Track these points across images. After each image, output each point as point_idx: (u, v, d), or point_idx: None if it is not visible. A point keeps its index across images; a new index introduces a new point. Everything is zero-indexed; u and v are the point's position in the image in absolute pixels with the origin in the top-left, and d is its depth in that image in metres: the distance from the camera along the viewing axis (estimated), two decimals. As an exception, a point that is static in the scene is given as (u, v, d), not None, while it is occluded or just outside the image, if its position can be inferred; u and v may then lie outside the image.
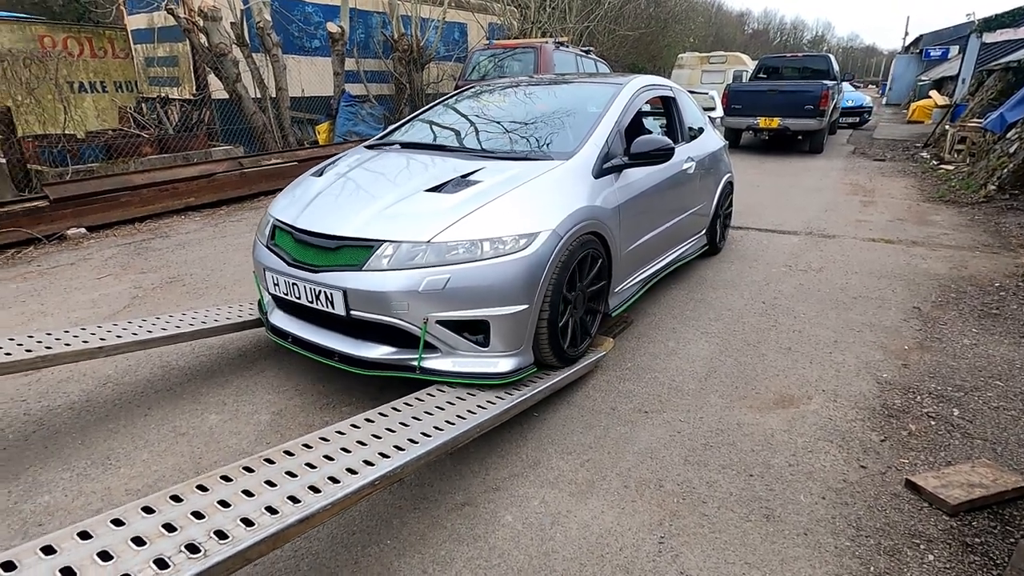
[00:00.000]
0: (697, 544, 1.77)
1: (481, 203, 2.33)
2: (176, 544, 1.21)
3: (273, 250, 2.53)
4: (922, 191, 7.31)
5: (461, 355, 2.26)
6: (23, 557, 1.16)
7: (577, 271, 2.52)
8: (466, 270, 2.15)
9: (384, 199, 2.44)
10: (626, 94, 3.25)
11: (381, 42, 10.79)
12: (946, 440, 2.29)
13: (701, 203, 4.01)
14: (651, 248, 3.33)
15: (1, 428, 2.36)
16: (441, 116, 3.61)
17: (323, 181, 2.82)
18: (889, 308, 3.59)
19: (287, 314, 2.61)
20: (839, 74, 12.04)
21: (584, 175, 2.68)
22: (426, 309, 2.15)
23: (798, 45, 67.53)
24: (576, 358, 2.63)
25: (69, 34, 9.01)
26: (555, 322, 2.39)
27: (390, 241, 2.21)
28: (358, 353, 2.29)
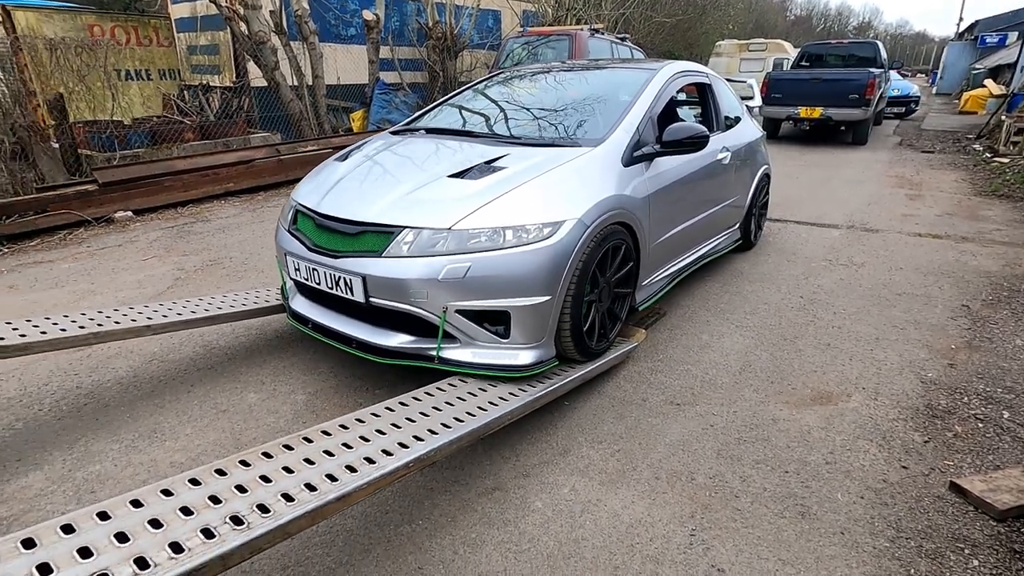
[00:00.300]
0: (729, 538, 1.75)
1: (505, 190, 2.28)
2: (221, 516, 1.26)
3: (295, 235, 2.51)
4: (974, 185, 6.98)
5: (480, 346, 2.21)
6: (80, 522, 1.22)
7: (603, 262, 2.45)
8: (487, 259, 2.10)
9: (406, 184, 2.41)
10: (659, 80, 3.15)
11: (415, 30, 10.82)
12: (995, 443, 2.20)
13: (736, 195, 3.87)
14: (682, 241, 3.23)
15: (56, 400, 2.48)
16: (468, 102, 3.55)
17: (346, 166, 2.79)
18: (935, 306, 3.46)
19: (308, 300, 2.60)
20: (887, 62, 11.53)
21: (613, 163, 2.60)
22: (446, 298, 2.11)
23: (843, 32, 64.97)
24: (600, 353, 2.56)
25: (117, 23, 9.30)
26: (578, 315, 2.34)
27: (411, 227, 2.17)
28: (376, 341, 2.27)
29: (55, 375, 2.68)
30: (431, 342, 2.23)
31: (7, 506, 1.87)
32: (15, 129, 5.37)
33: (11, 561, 1.11)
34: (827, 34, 57.95)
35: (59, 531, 1.18)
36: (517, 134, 2.94)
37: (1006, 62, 17.76)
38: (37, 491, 1.94)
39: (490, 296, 2.11)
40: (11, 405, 2.45)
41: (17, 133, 5.36)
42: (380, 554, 1.68)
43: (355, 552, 1.69)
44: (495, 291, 2.10)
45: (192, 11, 8.87)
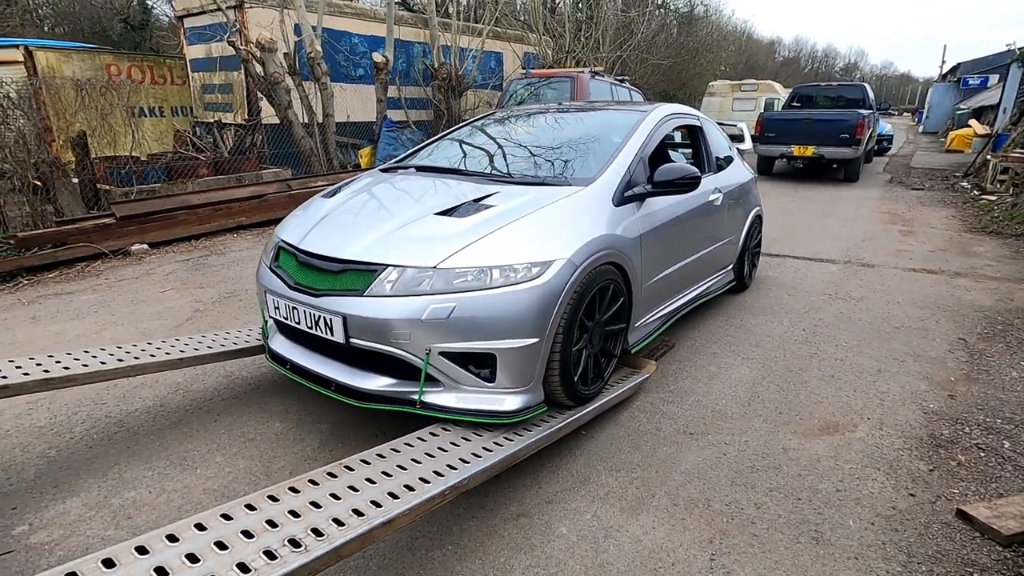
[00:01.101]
0: (748, 563, 1.82)
1: (493, 228, 2.22)
2: (280, 538, 1.34)
3: (276, 272, 2.44)
4: (964, 221, 7.21)
5: (465, 390, 2.11)
6: (152, 543, 1.30)
7: (594, 303, 2.39)
8: (473, 299, 2.02)
9: (392, 222, 2.35)
10: (650, 121, 3.16)
11: (421, 70, 11.22)
12: (997, 472, 2.29)
13: (728, 236, 3.90)
14: (674, 282, 3.20)
15: (86, 429, 2.55)
16: (461, 140, 3.53)
17: (333, 202, 2.75)
18: (933, 339, 3.58)
19: (288, 340, 2.51)
20: (874, 103, 11.99)
21: (604, 202, 2.57)
22: (429, 339, 2.02)
23: (830, 73, 67.12)
24: (590, 397, 2.48)
25: (133, 63, 9.63)
26: (568, 358, 2.25)
27: (394, 266, 2.10)
28: (356, 384, 2.17)
29: (83, 404, 2.75)
30: (413, 385, 2.12)
31: (47, 532, 1.92)
32: (38, 165, 5.54)
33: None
34: (815, 75, 59.88)
35: (134, 552, 1.26)
36: (507, 172, 2.93)
37: (989, 103, 18.42)
38: (75, 517, 2.00)
39: (475, 338, 2.03)
40: (43, 433, 2.51)
41: (40, 169, 5.53)
42: (413, 578, 1.75)
43: (389, 575, 1.75)
44: (481, 332, 2.02)
45: (207, 52, 9.22)
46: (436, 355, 2.05)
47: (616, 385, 2.72)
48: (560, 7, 16.44)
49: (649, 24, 16.69)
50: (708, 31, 26.43)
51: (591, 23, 14.59)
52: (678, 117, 3.53)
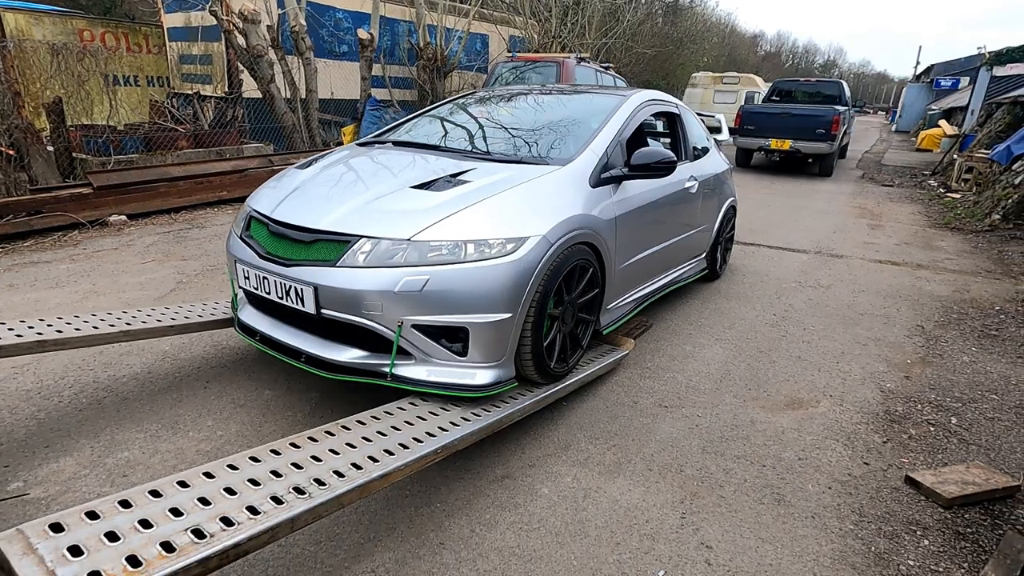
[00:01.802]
0: (716, 520, 1.96)
1: (469, 203, 2.23)
2: (285, 486, 1.43)
3: (247, 242, 2.42)
4: (929, 217, 7.52)
5: (437, 363, 2.13)
6: (164, 488, 1.37)
7: (567, 282, 2.42)
8: (447, 272, 2.03)
9: (367, 194, 2.35)
10: (629, 106, 3.19)
11: (407, 49, 11.10)
12: (944, 444, 2.48)
13: (702, 225, 3.96)
14: (648, 266, 3.24)
15: (74, 393, 2.57)
16: (441, 118, 3.52)
17: (307, 173, 2.72)
18: (894, 325, 3.79)
19: (257, 311, 2.50)
20: (850, 100, 12.30)
21: (580, 182, 2.60)
22: (401, 311, 2.03)
23: (809, 69, 68.11)
24: (561, 375, 2.50)
25: (107, 29, 9.33)
26: (540, 334, 2.28)
27: (368, 237, 2.09)
28: (326, 355, 2.17)
29: (70, 370, 2.76)
30: (385, 358, 2.13)
31: (43, 487, 1.97)
32: (10, 131, 5.39)
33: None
34: (795, 70, 60.71)
35: (147, 495, 1.33)
36: (486, 150, 2.93)
37: (958, 105, 19.00)
38: (70, 475, 2.04)
39: (448, 311, 2.04)
40: (30, 397, 2.53)
41: (12, 135, 5.38)
42: (404, 531, 1.85)
43: (381, 529, 1.85)
44: (454, 306, 2.04)
45: (186, 21, 8.97)
46: (408, 328, 2.05)
47: (595, 360, 2.84)
48: (547, -9, 16.36)
49: (635, 12, 16.74)
50: (692, 22, 26.57)
51: (577, 8, 14.57)
52: (657, 103, 3.55)
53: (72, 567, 1.13)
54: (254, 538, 1.30)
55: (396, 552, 1.76)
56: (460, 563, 1.73)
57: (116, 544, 1.20)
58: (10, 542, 1.16)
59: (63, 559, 1.14)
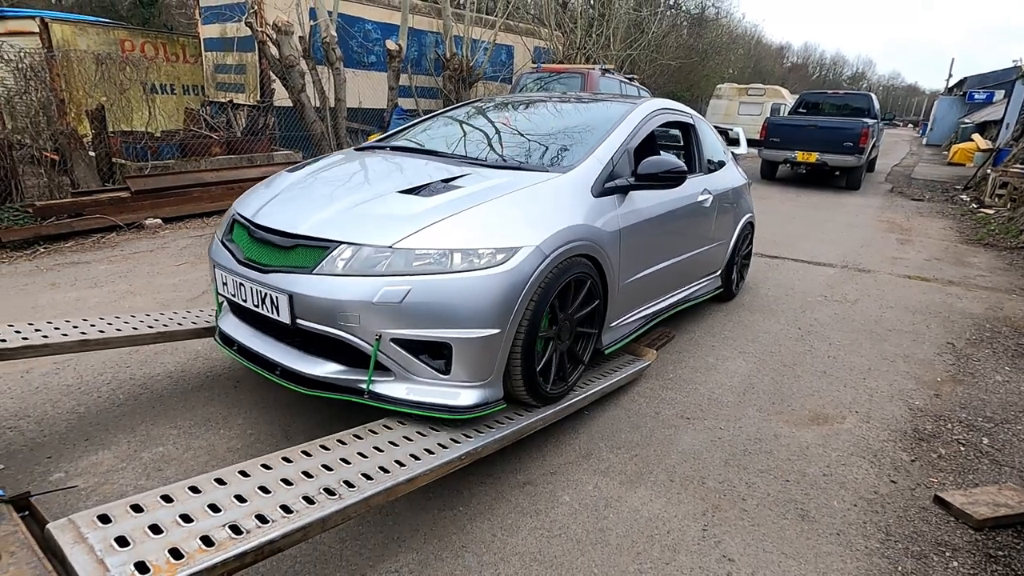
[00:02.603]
0: (738, 534, 1.95)
1: (458, 209, 2.10)
2: (316, 487, 1.49)
3: (227, 246, 2.31)
4: (960, 233, 7.35)
5: (417, 381, 1.98)
6: (202, 485, 1.43)
7: (564, 297, 2.27)
8: (430, 283, 1.90)
9: (352, 198, 2.23)
10: (639, 114, 3.04)
11: (433, 60, 11.28)
12: (974, 465, 2.43)
13: (717, 241, 3.78)
14: (655, 283, 3.06)
15: (112, 389, 2.67)
16: (444, 124, 3.41)
17: (295, 177, 2.63)
18: (923, 342, 3.72)
19: (239, 319, 2.38)
20: (880, 113, 12.11)
21: (582, 191, 2.45)
22: (380, 324, 1.90)
23: (837, 81, 67.17)
24: (557, 397, 2.34)
25: (147, 39, 9.68)
26: (531, 352, 2.11)
27: (349, 243, 1.97)
28: (301, 368, 2.04)
29: (108, 367, 2.87)
30: (364, 373, 2.00)
31: (83, 478, 2.05)
32: (55, 136, 5.63)
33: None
34: (822, 82, 59.92)
35: (187, 491, 1.40)
36: (484, 156, 2.81)
37: (993, 118, 18.56)
38: (108, 467, 2.12)
39: (431, 325, 1.90)
40: (71, 392, 2.63)
41: (57, 140, 5.62)
42: (427, 533, 1.88)
43: (404, 530, 1.88)
44: (437, 320, 1.90)
45: (222, 32, 9.26)
46: (387, 342, 1.92)
47: (617, 371, 2.85)
48: (572, 3, 16.50)
49: (660, 24, 16.75)
50: (718, 33, 26.47)
51: (602, 20, 14.65)
52: (669, 112, 3.38)
53: (120, 557, 1.18)
54: (287, 536, 1.34)
55: (419, 553, 1.79)
56: (482, 567, 1.76)
57: (159, 537, 1.25)
58: (62, 531, 1.22)
59: (111, 549, 1.20)
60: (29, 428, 2.34)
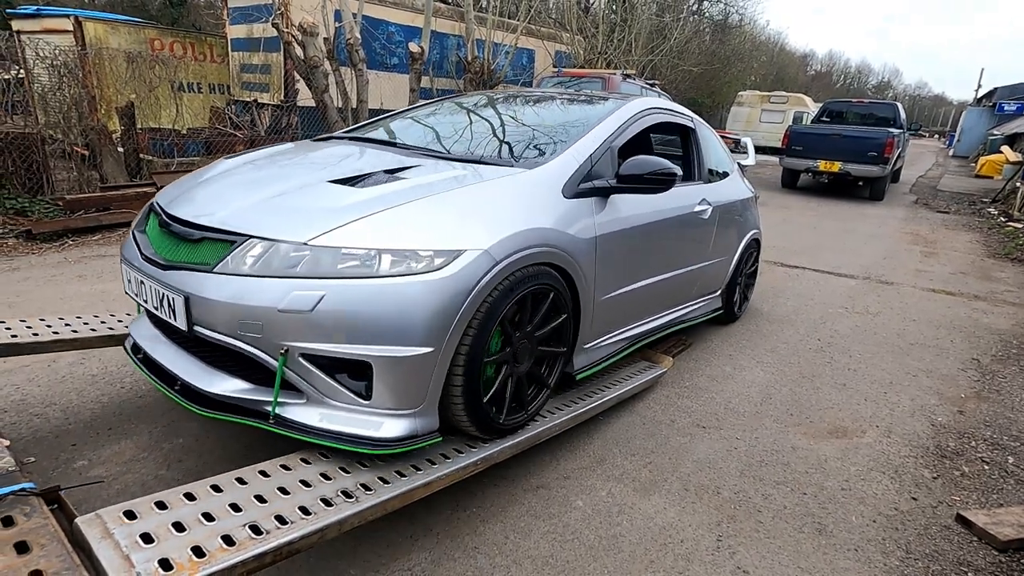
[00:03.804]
0: (753, 546, 1.93)
1: (394, 203, 1.83)
2: (334, 490, 1.53)
3: (136, 239, 2.05)
4: (987, 247, 7.19)
5: (333, 406, 1.70)
6: (223, 484, 1.47)
7: (522, 312, 1.98)
8: (349, 288, 1.62)
9: (276, 187, 1.97)
10: (627, 111, 2.74)
11: (455, 63, 11.36)
12: (999, 484, 2.37)
13: (717, 258, 3.44)
14: (641, 301, 2.75)
15: (135, 380, 2.73)
16: (419, 117, 3.15)
17: (230, 163, 2.38)
18: (947, 357, 3.64)
19: (153, 325, 2.10)
20: (905, 123, 11.90)
21: (550, 191, 2.16)
22: (287, 336, 1.62)
23: (862, 90, 66.20)
24: (512, 428, 2.03)
25: (176, 39, 9.88)
26: (476, 376, 1.82)
27: (260, 238, 1.70)
28: (199, 384, 1.77)
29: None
30: (271, 393, 1.71)
31: (105, 467, 2.09)
32: (86, 132, 5.77)
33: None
34: (846, 91, 59.10)
35: (209, 489, 1.45)
36: (445, 148, 2.58)
37: (1023, 130, 18.13)
38: (130, 457, 2.16)
39: (348, 340, 1.62)
40: (96, 382, 2.69)
41: (87, 135, 5.76)
42: (440, 533, 1.89)
43: (418, 529, 1.89)
44: (355, 333, 1.62)
45: (249, 32, 9.42)
46: (296, 357, 1.65)
47: (633, 377, 2.83)
48: (593, 7, 16.50)
49: (683, 30, 16.67)
50: (741, 40, 26.26)
51: (624, 25, 14.63)
52: (663, 113, 3.04)
53: (145, 553, 1.21)
54: (305, 537, 1.37)
55: (432, 553, 1.80)
56: (494, 568, 1.76)
57: (183, 535, 1.28)
58: (90, 525, 1.25)
59: (136, 545, 1.23)
60: (55, 416, 2.39)
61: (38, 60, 6.13)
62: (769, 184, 11.95)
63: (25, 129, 5.25)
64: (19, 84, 6.98)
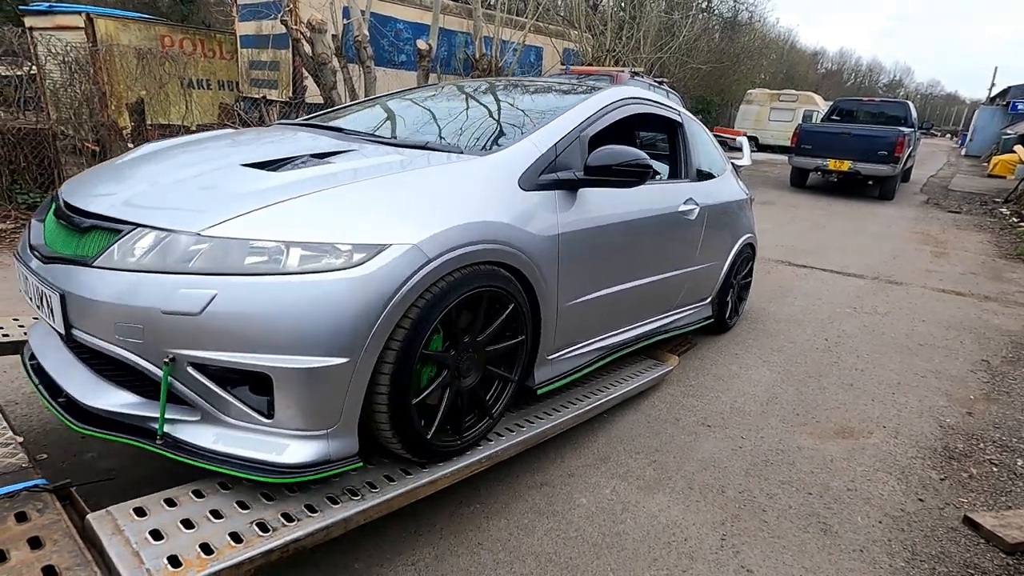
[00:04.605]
0: (757, 545, 1.92)
1: (312, 190, 1.60)
2: (340, 487, 1.55)
3: (31, 229, 1.84)
4: (999, 247, 7.11)
5: (230, 425, 1.47)
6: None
7: (466, 318, 1.76)
8: (248, 287, 1.40)
9: (188, 171, 1.78)
10: (601, 99, 2.48)
11: (462, 60, 11.37)
12: (1008, 486, 2.35)
13: (706, 263, 3.20)
14: (616, 307, 2.53)
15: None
16: (380, 104, 2.94)
17: (152, 146, 2.21)
18: (956, 358, 3.61)
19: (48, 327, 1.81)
20: (917, 122, 11.79)
21: (505, 182, 1.92)
22: (172, 341, 1.40)
23: (873, 88, 65.59)
24: (453, 451, 1.80)
25: (185, 35, 9.94)
26: (407, 392, 1.59)
27: (151, 227, 1.48)
28: (81, 397, 1.54)
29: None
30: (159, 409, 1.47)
31: (115, 459, 2.12)
32: (96, 128, 5.82)
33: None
34: (857, 90, 58.56)
35: (218, 486, 1.46)
36: (391, 134, 2.39)
37: (1037, 130, 17.91)
38: (139, 449, 2.18)
39: (244, 347, 1.40)
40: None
41: (98, 132, 5.81)
42: (444, 529, 1.90)
43: (422, 524, 1.90)
44: (252, 340, 1.39)
45: (258, 29, 9.46)
46: (186, 367, 1.43)
47: (638, 375, 2.83)
48: (602, 5, 16.44)
49: (692, 27, 16.58)
50: (751, 38, 26.08)
51: (633, 23, 14.56)
52: (644, 104, 2.76)
53: (154, 550, 1.23)
54: (311, 535, 1.39)
55: (436, 548, 1.81)
56: (497, 564, 1.76)
57: (191, 532, 1.30)
58: (101, 522, 1.27)
59: (146, 542, 1.25)
60: (65, 408, 2.42)
61: (50, 56, 6.18)
62: (778, 183, 11.88)
63: (37, 125, 5.30)
64: (31, 80, 7.05)
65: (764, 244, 6.17)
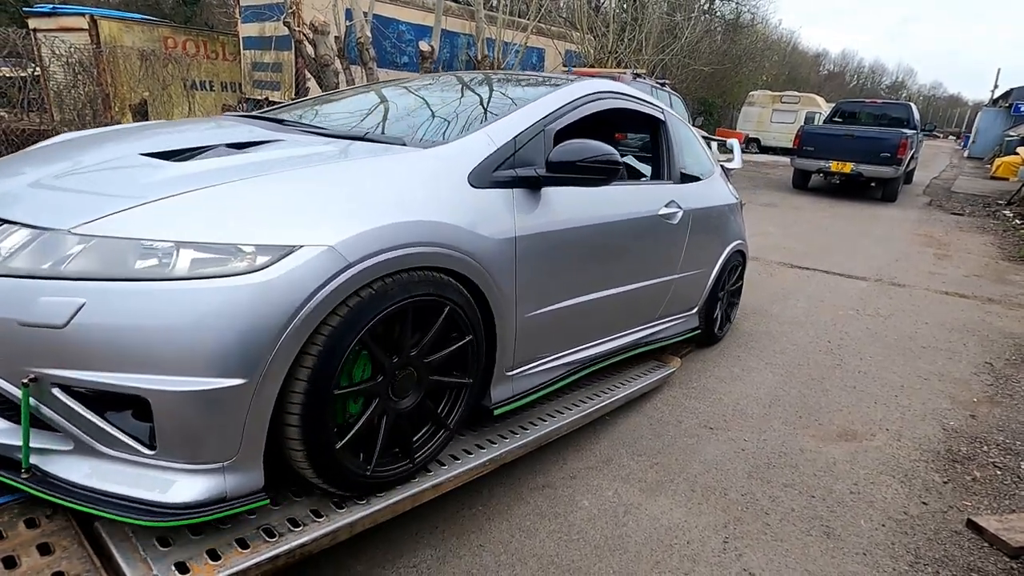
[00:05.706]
0: (760, 548, 1.92)
1: (214, 182, 1.40)
2: None
3: None
4: (1002, 249, 7.10)
5: (108, 457, 1.27)
6: None
7: (405, 331, 1.55)
8: (123, 294, 1.21)
9: (83, 161, 1.62)
10: (573, 91, 2.27)
11: (464, 61, 11.38)
12: (1012, 490, 2.34)
13: (691, 270, 2.98)
14: (587, 318, 2.30)
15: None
16: (336, 97, 2.78)
17: (67, 135, 2.08)
18: (959, 361, 3.60)
19: None
20: (919, 123, 11.77)
21: (450, 177, 1.72)
22: (31, 359, 1.22)
23: (875, 90, 65.52)
24: (387, 482, 1.60)
25: (188, 37, 9.99)
26: (322, 415, 1.38)
27: (21, 224, 1.30)
28: None
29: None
30: (35, 436, 1.28)
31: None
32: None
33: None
34: (859, 91, 58.50)
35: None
36: (330, 126, 2.18)
37: (1040, 132, 17.88)
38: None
39: (118, 366, 1.20)
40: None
41: (102, 132, 5.83)
42: (446, 530, 1.89)
43: (424, 526, 1.90)
44: (127, 358, 1.20)
45: (260, 31, 9.49)
46: (51, 389, 1.24)
47: (641, 377, 2.82)
48: (604, 6, 16.46)
49: (694, 29, 16.59)
50: (753, 39, 26.08)
51: (635, 25, 14.58)
52: (622, 99, 2.54)
53: (162, 556, 1.23)
54: (316, 540, 1.39)
55: (438, 550, 1.81)
56: (499, 566, 1.76)
57: (198, 538, 1.30)
58: (109, 529, 1.27)
59: (153, 548, 1.24)
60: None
61: (54, 58, 6.21)
62: (780, 185, 11.87)
63: (40, 126, 5.32)
64: (35, 82, 7.07)
65: (766, 246, 6.18)
